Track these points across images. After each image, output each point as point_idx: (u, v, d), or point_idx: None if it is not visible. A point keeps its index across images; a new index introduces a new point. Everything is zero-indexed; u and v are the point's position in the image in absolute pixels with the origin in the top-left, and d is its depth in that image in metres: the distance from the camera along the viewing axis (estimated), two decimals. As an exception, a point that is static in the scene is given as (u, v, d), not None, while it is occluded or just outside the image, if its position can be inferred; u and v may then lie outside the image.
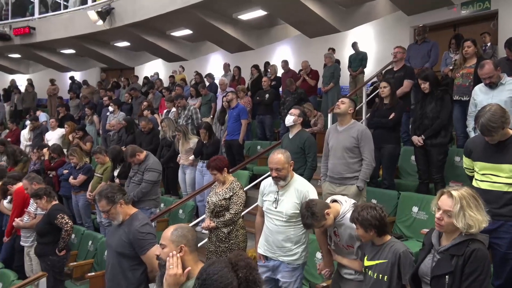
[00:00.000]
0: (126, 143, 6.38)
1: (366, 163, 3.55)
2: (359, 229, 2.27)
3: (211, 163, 3.49)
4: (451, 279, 1.87)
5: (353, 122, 3.69)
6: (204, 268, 1.50)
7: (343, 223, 2.53)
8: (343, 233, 2.56)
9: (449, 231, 1.94)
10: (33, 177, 4.29)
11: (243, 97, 7.22)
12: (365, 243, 2.40)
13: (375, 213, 2.24)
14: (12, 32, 10.67)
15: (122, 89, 10.11)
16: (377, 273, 2.26)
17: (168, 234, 1.91)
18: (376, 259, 2.28)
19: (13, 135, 8.40)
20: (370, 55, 8.08)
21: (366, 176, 3.58)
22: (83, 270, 4.40)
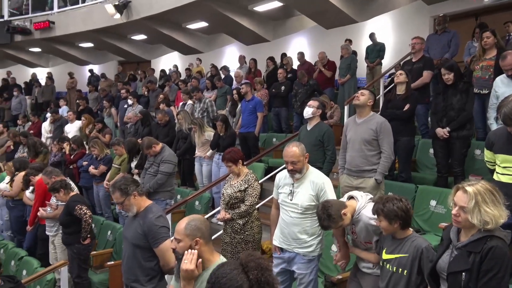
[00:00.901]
0: (142, 136, 6.46)
1: (385, 156, 3.50)
2: (383, 221, 2.22)
3: (226, 155, 3.51)
4: (467, 276, 1.84)
5: (372, 114, 3.64)
6: (214, 271, 1.47)
7: (359, 219, 2.51)
8: (360, 230, 2.54)
9: (467, 227, 1.90)
10: (51, 171, 4.38)
11: (260, 89, 7.20)
12: (384, 237, 2.37)
13: (401, 204, 2.21)
14: (32, 26, 10.88)
15: (138, 82, 10.23)
16: (396, 267, 2.23)
17: (182, 228, 1.89)
18: (396, 253, 2.25)
19: (35, 127, 8.61)
20: (388, 46, 7.92)
21: (384, 169, 3.53)
22: (103, 259, 4.51)
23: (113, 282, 4.08)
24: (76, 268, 3.92)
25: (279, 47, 9.84)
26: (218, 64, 9.67)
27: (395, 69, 6.55)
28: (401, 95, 4.25)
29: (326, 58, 7.50)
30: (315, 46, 9.56)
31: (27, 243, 4.83)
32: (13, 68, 13.61)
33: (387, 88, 6.28)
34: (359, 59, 7.61)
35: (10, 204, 5.24)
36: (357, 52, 8.02)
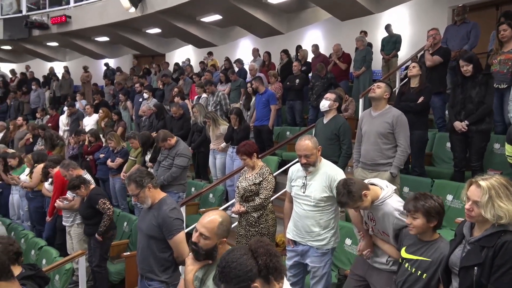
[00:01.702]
0: (157, 129, 6.53)
1: (401, 150, 3.46)
2: (420, 218, 2.11)
3: (240, 148, 3.51)
4: (479, 271, 1.81)
5: (389, 107, 3.59)
6: (223, 256, 1.49)
7: (382, 208, 2.42)
8: (379, 219, 2.48)
9: (480, 222, 1.86)
10: (68, 164, 4.44)
11: (274, 82, 7.18)
12: (405, 234, 2.31)
13: (440, 201, 2.15)
14: (49, 21, 11.04)
15: (153, 76, 10.31)
16: (416, 269, 2.18)
17: (214, 227, 1.88)
18: (418, 255, 2.19)
19: (53, 120, 8.79)
20: (404, 38, 7.78)
21: (400, 163, 3.49)
22: (119, 250, 4.60)
23: (129, 272, 4.16)
24: (97, 257, 4.01)
25: (293, 39, 9.77)
26: (232, 57, 9.66)
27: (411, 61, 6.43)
28: (415, 88, 4.18)
29: (341, 51, 7.41)
30: (330, 38, 9.45)
31: (46, 233, 4.96)
32: (31, 62, 13.87)
33: (403, 81, 6.18)
34: (374, 51, 7.50)
35: (29, 195, 5.37)
36: (373, 44, 7.90)
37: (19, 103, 10.86)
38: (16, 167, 5.78)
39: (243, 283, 1.41)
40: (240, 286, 1.41)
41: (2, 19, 11.96)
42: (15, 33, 11.58)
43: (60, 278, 3.76)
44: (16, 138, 8.12)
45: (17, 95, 10.98)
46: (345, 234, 3.48)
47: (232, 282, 1.41)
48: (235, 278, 1.41)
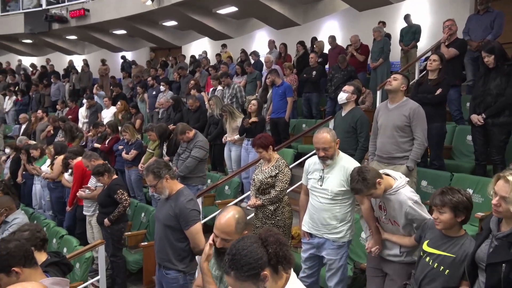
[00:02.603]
0: (174, 121, 6.60)
1: (418, 143, 3.40)
2: (447, 213, 2.07)
3: (256, 141, 3.52)
4: (507, 268, 1.77)
5: (406, 99, 3.52)
6: (233, 244, 1.50)
7: (396, 197, 2.43)
8: (391, 208, 2.48)
9: (508, 217, 1.82)
10: (90, 155, 4.57)
11: (289, 74, 7.13)
12: (428, 226, 2.29)
13: (469, 196, 2.10)
14: (68, 14, 11.22)
15: (169, 68, 10.38)
16: (438, 264, 2.15)
17: (232, 229, 1.89)
18: (441, 250, 2.15)
19: (73, 112, 8.97)
20: (424, 28, 7.58)
21: (417, 156, 3.43)
22: (137, 240, 4.70)
23: (147, 262, 4.25)
24: (110, 247, 4.10)
25: (309, 31, 9.66)
26: (248, 49, 9.63)
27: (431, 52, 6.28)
28: (433, 80, 4.09)
29: (359, 42, 7.29)
30: (347, 30, 9.31)
31: (66, 223, 5.10)
32: (51, 55, 14.15)
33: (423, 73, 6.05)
34: (393, 42, 7.35)
35: (51, 185, 5.52)
36: (391, 35, 7.75)
37: (40, 96, 11.11)
38: (38, 158, 5.95)
39: (253, 270, 1.42)
40: (250, 274, 1.42)
41: (23, 13, 12.22)
42: (36, 26, 11.82)
43: (80, 266, 3.87)
44: (38, 130, 8.33)
45: (39, 88, 11.23)
46: (360, 227, 3.44)
47: (242, 269, 1.42)
48: (245, 265, 1.42)
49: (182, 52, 11.86)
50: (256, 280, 1.43)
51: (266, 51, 9.24)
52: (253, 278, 1.42)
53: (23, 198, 6.21)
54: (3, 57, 14.72)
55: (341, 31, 9.68)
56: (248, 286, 1.44)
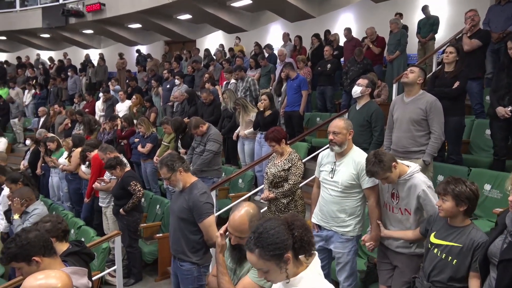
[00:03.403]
0: (189, 115, 6.64)
1: (435, 137, 3.35)
2: (450, 201, 2.12)
3: (269, 135, 3.51)
4: None
5: (422, 92, 3.46)
6: (261, 223, 1.51)
7: (410, 181, 2.46)
8: (405, 194, 2.49)
9: None
10: (106, 147, 4.65)
11: (303, 67, 7.08)
12: (434, 219, 2.30)
13: (473, 188, 2.13)
14: (85, 9, 11.36)
15: (184, 62, 10.42)
16: (446, 255, 2.15)
17: (246, 228, 1.91)
18: (448, 240, 2.16)
19: (89, 106, 9.11)
20: (442, 20, 7.41)
21: (434, 151, 3.38)
22: (152, 231, 4.77)
23: (162, 253, 4.32)
24: (127, 238, 4.19)
25: (324, 23, 9.54)
26: (262, 42, 9.59)
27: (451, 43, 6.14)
28: (450, 73, 3.99)
29: (375, 34, 7.18)
30: (363, 22, 9.16)
31: (84, 214, 5.21)
32: (68, 50, 14.37)
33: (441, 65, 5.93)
34: (410, 34, 7.21)
35: (69, 177, 5.64)
36: (408, 27, 7.59)
37: (58, 89, 11.31)
38: (54, 151, 6.08)
39: (278, 251, 1.44)
40: (274, 254, 1.44)
41: (41, 8, 12.43)
42: (53, 21, 12.00)
43: (97, 256, 3.95)
44: (56, 123, 8.50)
45: (56, 81, 11.43)
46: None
47: (268, 248, 1.44)
48: (272, 244, 1.44)
49: (196, 46, 11.89)
50: (279, 261, 1.45)
51: (280, 44, 9.19)
52: (277, 258, 1.44)
53: (42, 190, 6.36)
54: (22, 52, 15.02)
55: (357, 23, 9.53)
56: (270, 266, 1.46)
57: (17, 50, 15.27)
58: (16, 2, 13.06)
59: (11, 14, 13.06)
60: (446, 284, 2.15)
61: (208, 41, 12.84)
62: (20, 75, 12.60)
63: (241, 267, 2.00)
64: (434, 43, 7.17)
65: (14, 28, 13.00)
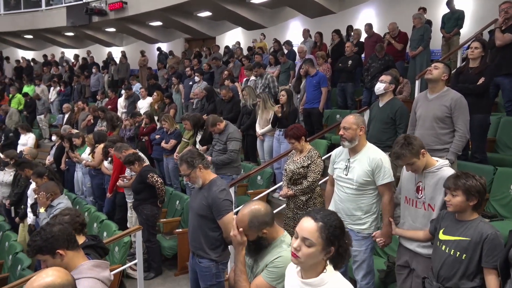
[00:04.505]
0: (207, 111, 6.68)
1: (460, 135, 3.25)
2: (460, 196, 2.09)
3: (288, 132, 3.50)
4: None
5: (447, 89, 3.36)
6: (331, 212, 1.62)
7: (439, 174, 2.39)
8: (432, 186, 2.42)
9: None
10: (120, 146, 4.70)
11: (322, 64, 7.01)
12: (442, 216, 2.25)
13: (483, 181, 2.10)
14: (107, 7, 11.57)
15: (204, 59, 10.48)
16: (454, 250, 2.10)
17: (245, 225, 1.92)
18: (456, 235, 2.12)
19: (112, 102, 9.29)
20: (468, 14, 7.19)
21: (458, 149, 3.28)
22: (172, 226, 4.84)
23: (181, 248, 4.38)
24: (145, 232, 4.25)
25: (345, 19, 9.42)
26: (281, 39, 9.54)
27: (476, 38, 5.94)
28: (475, 68, 3.86)
29: (397, 29, 7.03)
30: (385, 17, 8.99)
31: (106, 208, 5.33)
32: (91, 48, 14.68)
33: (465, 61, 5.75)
34: (433, 29, 7.03)
35: (92, 172, 5.78)
36: (432, 22, 7.40)
37: (82, 87, 11.58)
38: (80, 146, 6.24)
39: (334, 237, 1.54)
40: (330, 236, 1.53)
41: (65, 7, 12.73)
42: (77, 20, 12.29)
43: (119, 250, 4.04)
44: (80, 119, 8.71)
45: (80, 79, 11.71)
46: (395, 220, 3.37)
47: (330, 228, 1.54)
48: (335, 228, 1.55)
49: (216, 43, 11.93)
50: (327, 247, 1.52)
51: (300, 41, 9.11)
52: (328, 243, 1.52)
53: (66, 184, 6.53)
54: (47, 50, 15.44)
55: (378, 19, 9.36)
56: (318, 244, 1.51)
57: (43, 48, 15.72)
58: (42, 2, 13.44)
59: (37, 13, 13.45)
60: (457, 283, 2.09)
61: (228, 38, 12.87)
62: (46, 73, 12.96)
63: (257, 265, 2.00)
64: (459, 38, 6.96)
65: (40, 27, 13.38)
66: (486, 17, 6.14)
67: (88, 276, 1.84)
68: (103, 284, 1.87)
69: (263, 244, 1.96)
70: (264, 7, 10.53)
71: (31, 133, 8.49)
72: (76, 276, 1.83)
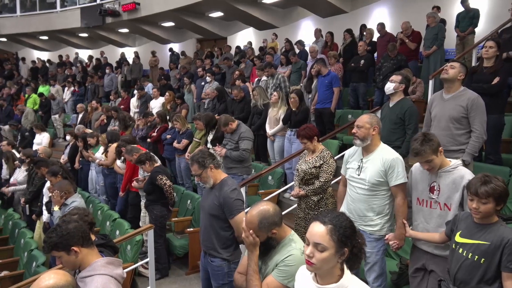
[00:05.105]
0: (219, 111, 6.70)
1: (476, 136, 3.19)
2: (491, 203, 1.98)
3: (301, 132, 3.49)
4: None
5: (463, 89, 3.31)
6: (340, 213, 1.61)
7: (455, 173, 2.36)
8: (447, 186, 2.39)
9: None
10: (131, 149, 4.74)
11: (334, 63, 6.97)
12: (459, 218, 2.20)
13: (504, 183, 2.04)
14: (121, 8, 11.71)
15: (215, 59, 10.52)
16: (473, 254, 2.05)
17: (255, 226, 1.91)
18: (475, 239, 2.06)
19: (125, 102, 9.40)
20: (483, 12, 7.05)
21: (474, 150, 3.22)
22: (183, 226, 4.87)
23: (192, 247, 4.40)
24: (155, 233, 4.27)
25: (357, 18, 9.35)
26: (293, 39, 9.51)
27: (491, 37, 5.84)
28: (489, 68, 3.80)
29: (411, 29, 6.95)
30: (398, 16, 8.90)
31: (118, 207, 5.39)
32: (105, 48, 14.87)
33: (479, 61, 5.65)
34: (448, 28, 6.92)
35: (105, 171, 5.85)
36: (446, 21, 7.30)
37: (95, 87, 11.73)
38: (94, 146, 6.32)
39: (346, 238, 1.52)
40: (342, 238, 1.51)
41: (79, 8, 12.92)
42: (91, 21, 12.46)
43: (131, 248, 4.08)
44: (93, 119, 8.83)
45: (94, 79, 11.87)
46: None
47: (340, 229, 1.52)
48: (345, 229, 1.53)
49: (227, 43, 11.96)
50: (340, 248, 1.51)
51: (312, 41, 9.08)
52: (340, 244, 1.51)
53: (79, 183, 6.64)
54: (62, 51, 15.69)
55: (391, 18, 9.26)
56: (330, 247, 1.50)
57: (58, 49, 15.98)
58: (57, 3, 13.66)
59: (52, 14, 13.68)
60: (474, 287, 2.04)
61: (239, 38, 12.90)
62: (60, 73, 13.18)
63: (266, 265, 2.00)
64: (474, 37, 6.85)
65: (55, 28, 13.61)
66: (502, 16, 6.03)
67: (102, 273, 1.87)
68: (116, 281, 1.90)
69: (272, 244, 1.96)
70: (276, 7, 10.53)
71: (46, 132, 8.64)
72: (89, 272, 1.87)
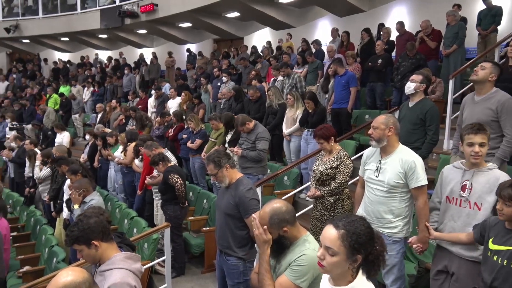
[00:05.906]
0: (235, 111, 6.72)
1: (507, 140, 3.06)
2: None
3: (317, 132, 3.47)
4: None
5: (495, 90, 3.17)
6: (357, 218, 1.56)
7: (491, 173, 2.33)
8: (481, 184, 2.34)
9: None
10: (150, 145, 4.81)
11: (352, 63, 6.90)
12: (491, 224, 2.15)
13: None
14: (139, 9, 11.89)
15: (232, 59, 10.56)
16: (508, 260, 2.00)
17: (265, 223, 1.92)
18: (508, 245, 2.02)
19: (143, 102, 9.53)
20: (506, 10, 6.86)
21: (505, 155, 3.09)
22: (200, 224, 4.91)
23: (208, 246, 4.43)
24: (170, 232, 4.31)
25: (375, 17, 9.23)
26: (309, 39, 9.46)
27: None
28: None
29: (431, 27, 6.81)
30: (417, 14, 8.74)
31: (136, 205, 5.47)
32: (124, 49, 15.12)
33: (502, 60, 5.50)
34: (469, 26, 6.76)
35: (124, 170, 5.95)
36: (467, 19, 7.13)
37: (114, 87, 11.95)
38: (113, 145, 6.44)
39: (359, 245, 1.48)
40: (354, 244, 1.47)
41: (99, 10, 13.18)
42: (110, 22, 12.70)
43: (148, 246, 4.15)
44: (111, 118, 8.99)
45: (113, 79, 12.09)
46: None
47: (353, 235, 1.48)
48: (359, 235, 1.48)
49: (244, 43, 12.00)
50: (352, 255, 1.47)
51: (328, 40, 9.01)
52: (352, 251, 1.47)
53: (98, 181, 6.76)
54: (82, 52, 16.04)
55: (410, 16, 9.11)
56: (341, 252, 1.47)
57: (78, 50, 16.34)
58: (77, 5, 13.97)
59: (73, 16, 14.00)
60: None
61: (256, 38, 12.92)
62: (80, 74, 13.47)
63: (280, 264, 2.00)
64: (496, 35, 6.67)
65: (75, 29, 13.92)
66: (527, 13, 5.86)
67: (121, 267, 1.91)
68: (134, 275, 1.94)
69: (285, 244, 1.96)
70: (293, 6, 10.50)
71: (66, 131, 8.84)
72: (109, 266, 1.92)
